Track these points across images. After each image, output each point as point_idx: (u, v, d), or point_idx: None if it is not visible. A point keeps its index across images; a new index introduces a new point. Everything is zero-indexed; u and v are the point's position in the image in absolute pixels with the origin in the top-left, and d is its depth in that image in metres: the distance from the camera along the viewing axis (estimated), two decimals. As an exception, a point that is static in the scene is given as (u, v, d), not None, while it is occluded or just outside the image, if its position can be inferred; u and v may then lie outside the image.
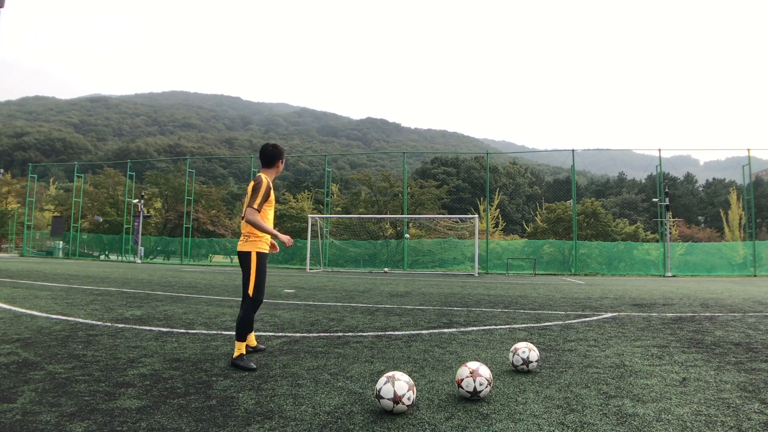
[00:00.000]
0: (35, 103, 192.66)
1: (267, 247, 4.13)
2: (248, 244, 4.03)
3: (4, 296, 8.46)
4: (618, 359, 4.31)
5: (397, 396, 2.73)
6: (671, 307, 8.69)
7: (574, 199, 30.69)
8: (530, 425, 2.62)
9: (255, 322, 6.16)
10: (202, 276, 16.73)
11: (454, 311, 7.68)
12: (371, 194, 37.83)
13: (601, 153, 56.45)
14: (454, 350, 4.64)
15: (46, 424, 2.50)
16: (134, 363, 3.88)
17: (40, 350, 4.27)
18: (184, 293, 9.96)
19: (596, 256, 29.04)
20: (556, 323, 6.56)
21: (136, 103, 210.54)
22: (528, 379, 3.61)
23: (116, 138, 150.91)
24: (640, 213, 58.49)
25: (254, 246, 4.03)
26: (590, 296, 10.97)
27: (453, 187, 54.12)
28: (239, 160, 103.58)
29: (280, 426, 2.55)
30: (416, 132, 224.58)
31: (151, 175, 46.21)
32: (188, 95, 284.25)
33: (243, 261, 4.03)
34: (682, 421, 2.70)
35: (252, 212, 3.94)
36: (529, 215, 58.69)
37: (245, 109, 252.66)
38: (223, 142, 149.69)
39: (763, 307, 8.97)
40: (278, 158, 4.22)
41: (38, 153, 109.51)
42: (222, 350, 4.45)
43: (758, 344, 5.09)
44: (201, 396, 3.05)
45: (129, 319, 6.17)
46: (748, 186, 29.15)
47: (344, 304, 8.57)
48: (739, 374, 3.79)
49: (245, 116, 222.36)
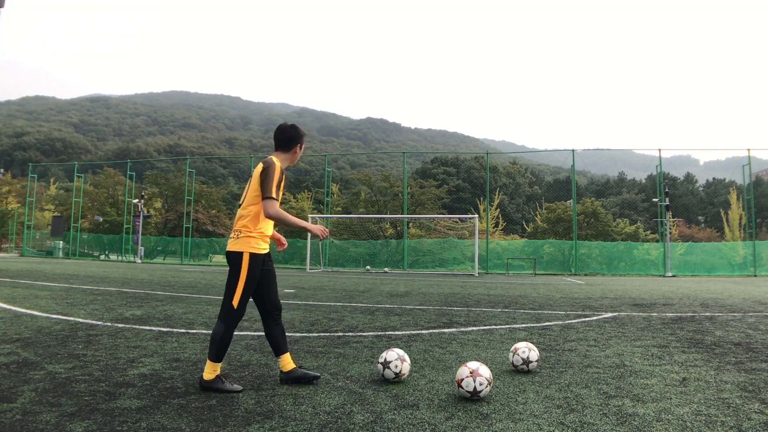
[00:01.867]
0: (35, 103, 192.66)
1: (265, 247, 3.33)
2: (240, 242, 3.23)
3: (4, 296, 8.46)
4: (618, 359, 4.31)
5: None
6: (671, 307, 8.69)
7: (574, 199, 30.70)
8: (530, 425, 2.61)
9: (255, 322, 6.14)
10: (202, 276, 16.74)
11: (454, 311, 7.68)
12: (371, 194, 37.83)
13: (601, 153, 56.54)
14: (454, 350, 4.64)
15: (46, 424, 2.50)
16: (134, 363, 3.88)
17: (40, 350, 4.27)
18: (184, 293, 9.96)
19: (596, 256, 29.06)
20: (556, 323, 6.56)
21: (136, 103, 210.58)
22: (528, 379, 3.61)
23: (116, 138, 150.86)
24: (640, 213, 58.51)
25: (247, 245, 3.23)
26: (590, 296, 10.97)
27: (453, 187, 54.15)
28: (239, 160, 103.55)
29: (280, 426, 2.55)
30: (416, 132, 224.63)
31: (151, 175, 46.24)
32: (188, 95, 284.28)
33: (231, 263, 3.26)
34: (682, 421, 2.69)
35: (271, 204, 3.16)
36: (529, 215, 58.64)
37: (245, 109, 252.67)
38: (223, 142, 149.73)
39: (763, 307, 8.97)
40: (296, 141, 3.41)
41: (38, 153, 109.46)
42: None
43: (758, 344, 5.09)
44: (201, 396, 3.05)
45: (129, 319, 6.17)
46: (748, 186, 29.17)
47: (344, 304, 8.57)
48: (739, 374, 3.79)
49: (245, 116, 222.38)
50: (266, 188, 3.18)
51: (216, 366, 3.18)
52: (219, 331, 3.20)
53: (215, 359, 3.18)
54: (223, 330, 3.20)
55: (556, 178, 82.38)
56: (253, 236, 3.24)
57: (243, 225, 3.25)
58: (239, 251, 3.22)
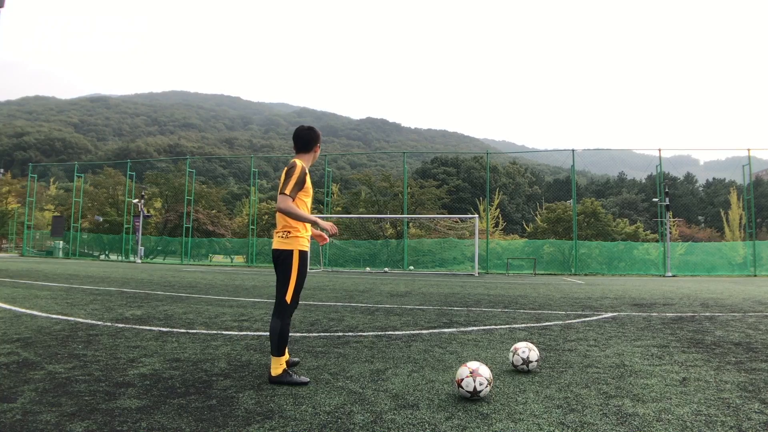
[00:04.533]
0: (35, 103, 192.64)
1: (308, 244, 3.55)
2: (288, 241, 3.44)
3: (4, 296, 8.46)
4: (618, 359, 4.31)
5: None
6: (671, 307, 8.69)
7: (574, 199, 30.70)
8: (530, 425, 2.62)
9: (255, 322, 6.17)
10: (202, 276, 16.74)
11: (454, 311, 7.68)
12: (371, 194, 37.85)
13: (601, 153, 56.46)
14: (454, 350, 4.64)
15: (46, 424, 2.50)
16: (134, 363, 3.88)
17: (40, 350, 4.27)
18: (184, 293, 9.96)
19: (596, 256, 29.06)
20: (556, 323, 6.56)
21: (136, 103, 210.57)
22: (528, 379, 3.61)
23: (116, 138, 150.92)
24: (640, 213, 58.50)
25: (296, 243, 3.44)
26: (590, 296, 10.97)
27: (453, 187, 54.11)
28: (239, 160, 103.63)
29: (280, 426, 2.55)
30: (416, 132, 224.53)
31: (151, 175, 46.26)
32: (188, 95, 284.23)
33: (281, 261, 3.45)
34: (682, 421, 2.70)
35: (284, 199, 3.37)
36: (529, 215, 58.65)
37: (245, 109, 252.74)
38: (223, 142, 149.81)
39: (763, 307, 8.97)
40: (315, 142, 3.67)
41: (38, 153, 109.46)
42: (222, 350, 4.45)
43: (758, 344, 5.09)
44: (201, 396, 3.05)
45: (129, 319, 6.17)
46: (748, 186, 29.17)
47: (344, 304, 8.58)
48: (739, 374, 3.79)
49: (245, 116, 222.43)
50: (285, 184, 3.40)
51: (281, 360, 3.37)
52: (277, 327, 3.38)
53: (278, 354, 3.37)
54: (280, 325, 3.38)
55: (556, 178, 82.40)
56: (301, 235, 3.47)
57: (289, 225, 3.46)
58: (289, 249, 3.44)
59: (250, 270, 24.85)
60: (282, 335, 3.36)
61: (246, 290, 11.16)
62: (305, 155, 3.64)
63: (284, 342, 3.37)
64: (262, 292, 10.64)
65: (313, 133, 3.67)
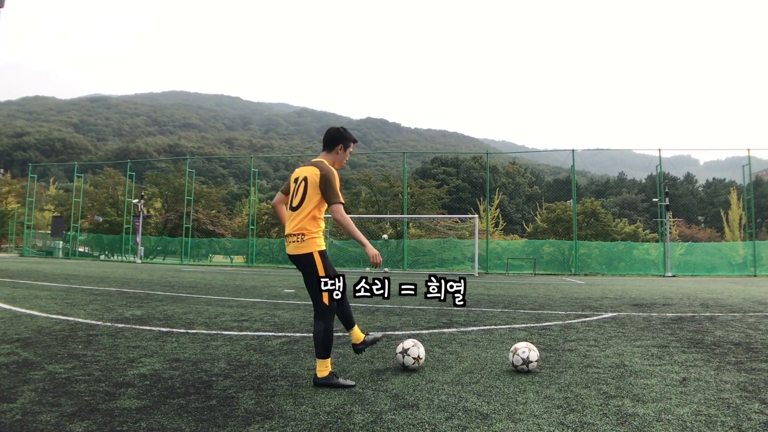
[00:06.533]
0: (35, 103, 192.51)
1: (325, 243, 3.52)
2: (307, 244, 3.37)
3: (4, 296, 8.46)
4: (618, 359, 4.31)
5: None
6: (671, 307, 8.69)
7: (574, 199, 30.71)
8: (530, 425, 2.62)
9: (255, 322, 6.17)
10: (202, 276, 16.74)
11: (454, 311, 7.68)
12: (371, 194, 37.85)
13: (601, 153, 56.56)
14: (454, 350, 4.64)
15: (46, 424, 2.50)
16: (134, 363, 3.88)
17: (40, 350, 4.27)
18: (184, 293, 9.96)
19: (596, 256, 29.06)
20: (556, 323, 6.56)
21: (136, 103, 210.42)
22: (528, 379, 3.61)
23: (116, 138, 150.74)
24: (640, 213, 58.48)
25: (313, 245, 3.38)
26: (590, 296, 10.97)
27: (453, 187, 54.12)
28: (239, 160, 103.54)
29: (280, 426, 2.55)
30: (416, 132, 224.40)
31: (151, 175, 46.23)
32: (188, 95, 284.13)
33: (305, 266, 3.39)
34: (682, 421, 2.70)
35: (338, 208, 3.34)
36: (529, 215, 58.62)
37: (245, 109, 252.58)
38: (223, 142, 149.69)
39: (763, 307, 8.98)
40: (337, 141, 3.58)
41: (38, 153, 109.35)
42: (222, 350, 4.45)
43: (758, 344, 5.10)
44: (201, 396, 3.05)
45: (129, 319, 6.17)
46: (748, 186, 29.18)
47: (344, 304, 8.56)
48: (739, 374, 3.79)
49: (245, 116, 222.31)
50: (333, 194, 3.37)
51: (327, 362, 3.35)
52: (320, 329, 3.35)
53: (324, 356, 3.34)
54: (323, 327, 3.35)
55: (556, 178, 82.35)
56: (317, 236, 3.42)
57: (303, 228, 3.38)
58: (309, 252, 3.38)
59: (249, 270, 24.85)
60: (326, 337, 3.34)
61: (246, 290, 11.16)
62: (328, 154, 3.61)
63: (329, 343, 3.36)
64: (261, 292, 10.64)
65: (338, 133, 3.62)
